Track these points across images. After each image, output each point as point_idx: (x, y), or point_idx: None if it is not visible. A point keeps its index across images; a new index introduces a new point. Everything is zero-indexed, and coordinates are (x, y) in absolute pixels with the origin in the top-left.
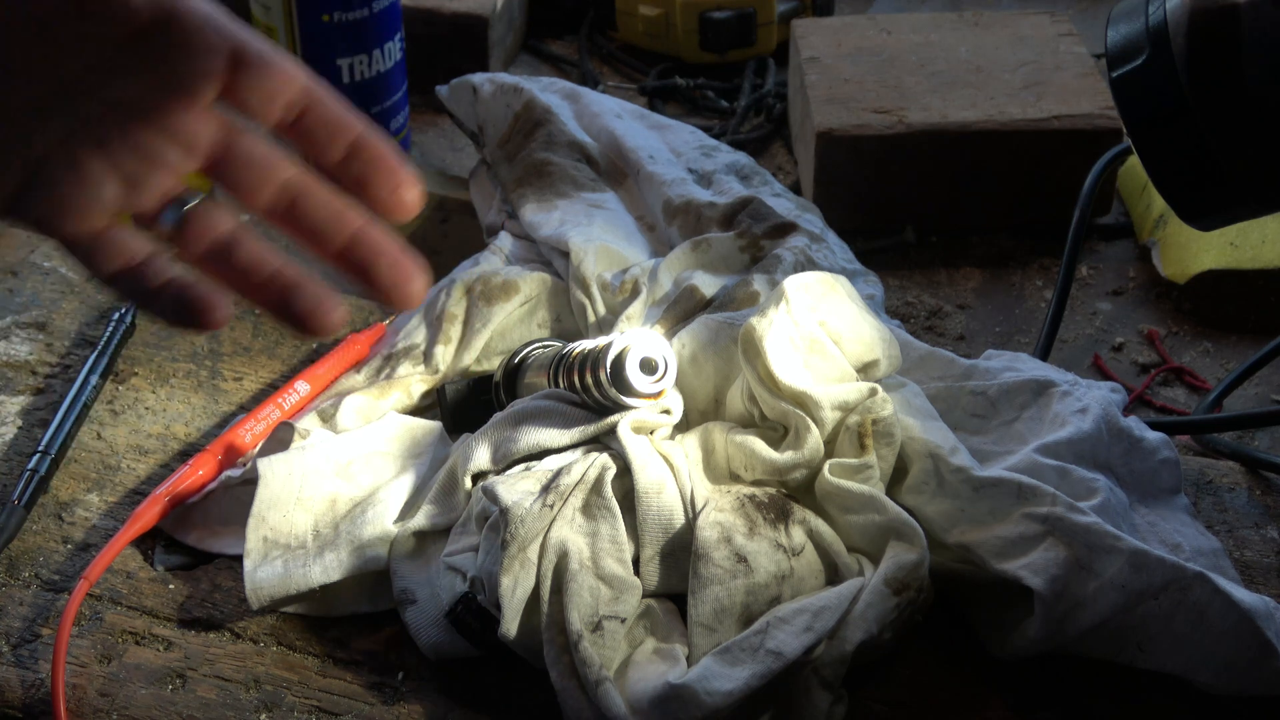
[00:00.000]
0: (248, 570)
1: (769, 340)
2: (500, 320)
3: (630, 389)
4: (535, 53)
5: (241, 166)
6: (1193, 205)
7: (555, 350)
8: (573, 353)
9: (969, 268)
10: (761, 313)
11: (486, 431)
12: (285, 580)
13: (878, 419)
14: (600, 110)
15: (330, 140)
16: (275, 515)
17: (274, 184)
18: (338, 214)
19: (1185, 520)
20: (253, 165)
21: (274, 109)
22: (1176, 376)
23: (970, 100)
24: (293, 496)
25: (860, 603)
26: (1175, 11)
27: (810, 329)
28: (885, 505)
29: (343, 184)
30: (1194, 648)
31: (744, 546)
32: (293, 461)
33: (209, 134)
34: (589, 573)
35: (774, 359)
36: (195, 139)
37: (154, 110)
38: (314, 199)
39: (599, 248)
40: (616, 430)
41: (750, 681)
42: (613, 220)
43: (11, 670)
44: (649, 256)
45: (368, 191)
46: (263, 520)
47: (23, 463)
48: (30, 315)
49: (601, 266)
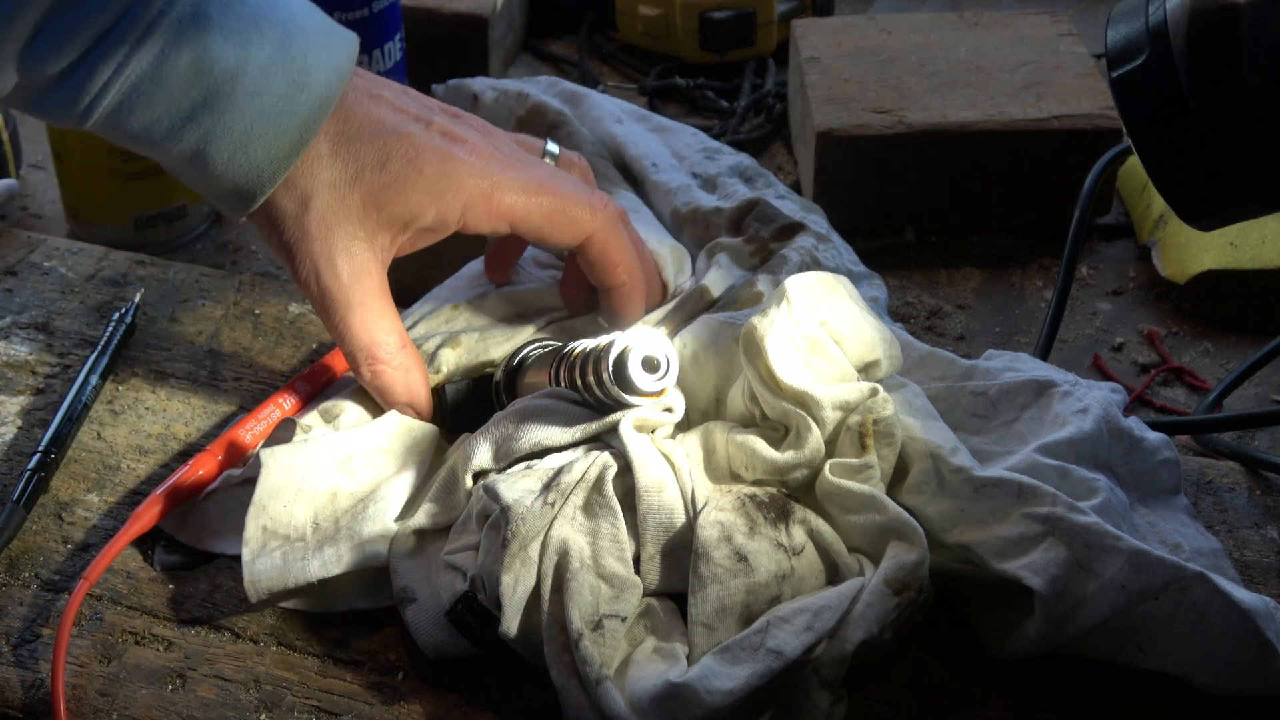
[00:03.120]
0: (246, 561)
1: (770, 339)
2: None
3: (632, 387)
4: (535, 53)
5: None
6: (1193, 205)
7: (555, 349)
8: (574, 351)
9: (969, 268)
10: (763, 312)
11: (488, 430)
12: (284, 573)
13: (879, 419)
14: (601, 115)
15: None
16: (276, 505)
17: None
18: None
19: (1185, 521)
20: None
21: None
22: (1176, 376)
23: (970, 100)
24: (294, 488)
25: (861, 602)
26: (1175, 11)
27: (811, 329)
28: (886, 505)
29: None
30: (1194, 648)
31: (744, 546)
32: (295, 453)
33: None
34: (590, 571)
35: (775, 358)
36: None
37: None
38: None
39: (672, 249)
40: (618, 428)
41: (751, 681)
42: (650, 220)
43: (11, 670)
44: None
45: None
46: (263, 509)
47: (23, 463)
48: (30, 315)
49: (675, 268)
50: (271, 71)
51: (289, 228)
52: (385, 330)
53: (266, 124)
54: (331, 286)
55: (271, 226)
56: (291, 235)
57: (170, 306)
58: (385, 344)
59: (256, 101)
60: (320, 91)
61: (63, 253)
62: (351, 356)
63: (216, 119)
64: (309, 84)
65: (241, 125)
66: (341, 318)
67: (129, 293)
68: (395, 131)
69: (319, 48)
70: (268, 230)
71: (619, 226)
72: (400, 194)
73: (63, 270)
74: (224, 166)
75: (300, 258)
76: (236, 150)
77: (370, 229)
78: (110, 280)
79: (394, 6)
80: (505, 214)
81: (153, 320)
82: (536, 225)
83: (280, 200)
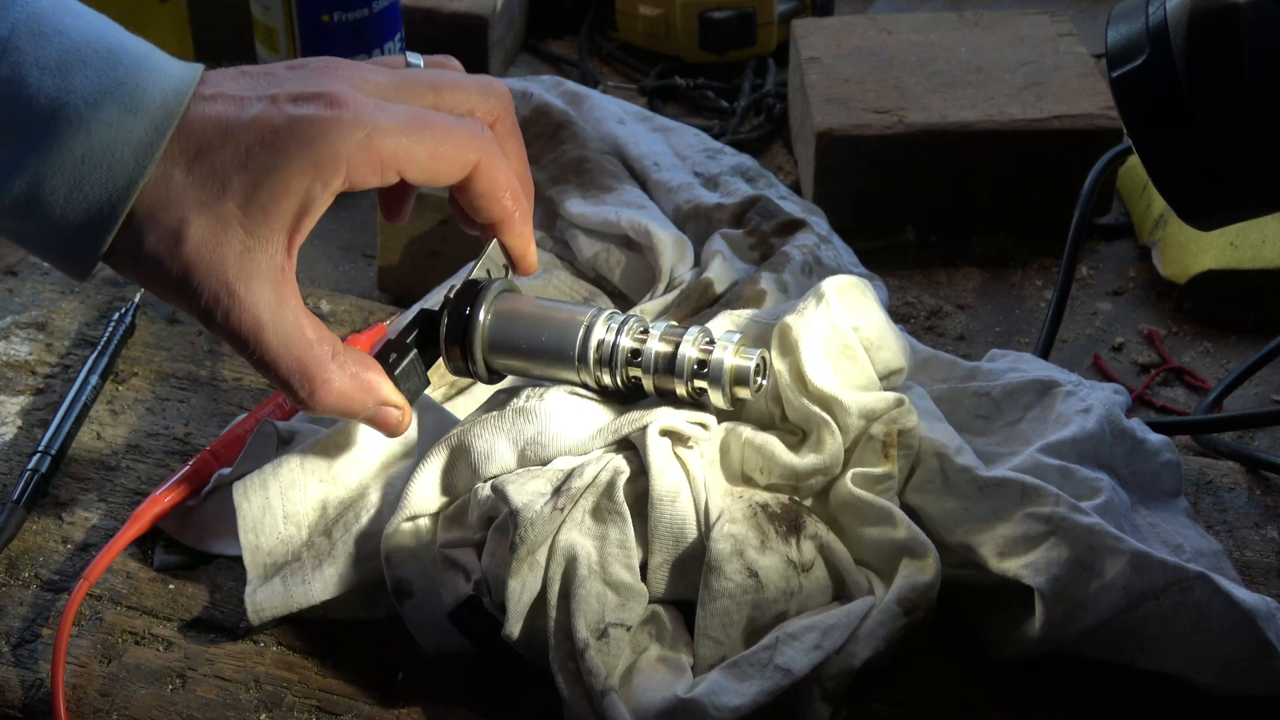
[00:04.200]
0: (248, 593)
1: (806, 340)
2: None
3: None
4: (535, 53)
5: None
6: (1193, 205)
7: (502, 282)
8: (651, 352)
9: (969, 268)
10: (799, 312)
11: (504, 427)
12: (286, 599)
13: (904, 430)
14: (603, 116)
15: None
16: (267, 539)
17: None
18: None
19: (1185, 523)
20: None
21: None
22: (1176, 376)
23: (970, 100)
24: (279, 514)
25: (871, 620)
26: (1175, 11)
27: (846, 333)
28: (902, 521)
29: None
30: (1195, 648)
31: (756, 561)
32: (267, 485)
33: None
34: (596, 578)
35: (808, 359)
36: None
37: None
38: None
39: (675, 238)
40: (645, 432)
41: (759, 698)
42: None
43: (11, 670)
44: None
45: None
46: (256, 548)
47: (23, 463)
48: (30, 315)
49: (675, 258)
50: (99, 101)
51: (170, 268)
52: (307, 342)
53: (99, 157)
54: (236, 314)
55: (154, 275)
56: (176, 275)
57: (170, 306)
58: (314, 356)
59: (85, 135)
60: (155, 114)
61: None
62: (287, 388)
63: (43, 158)
64: (142, 108)
65: (72, 161)
66: (256, 343)
67: (129, 293)
68: (240, 122)
69: (152, 69)
70: (152, 281)
71: (497, 148)
72: (275, 185)
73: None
74: (61, 209)
75: (194, 295)
76: (72, 190)
77: (260, 235)
78: (110, 280)
79: (394, 6)
80: (389, 162)
81: (153, 320)
82: (424, 166)
83: (150, 245)
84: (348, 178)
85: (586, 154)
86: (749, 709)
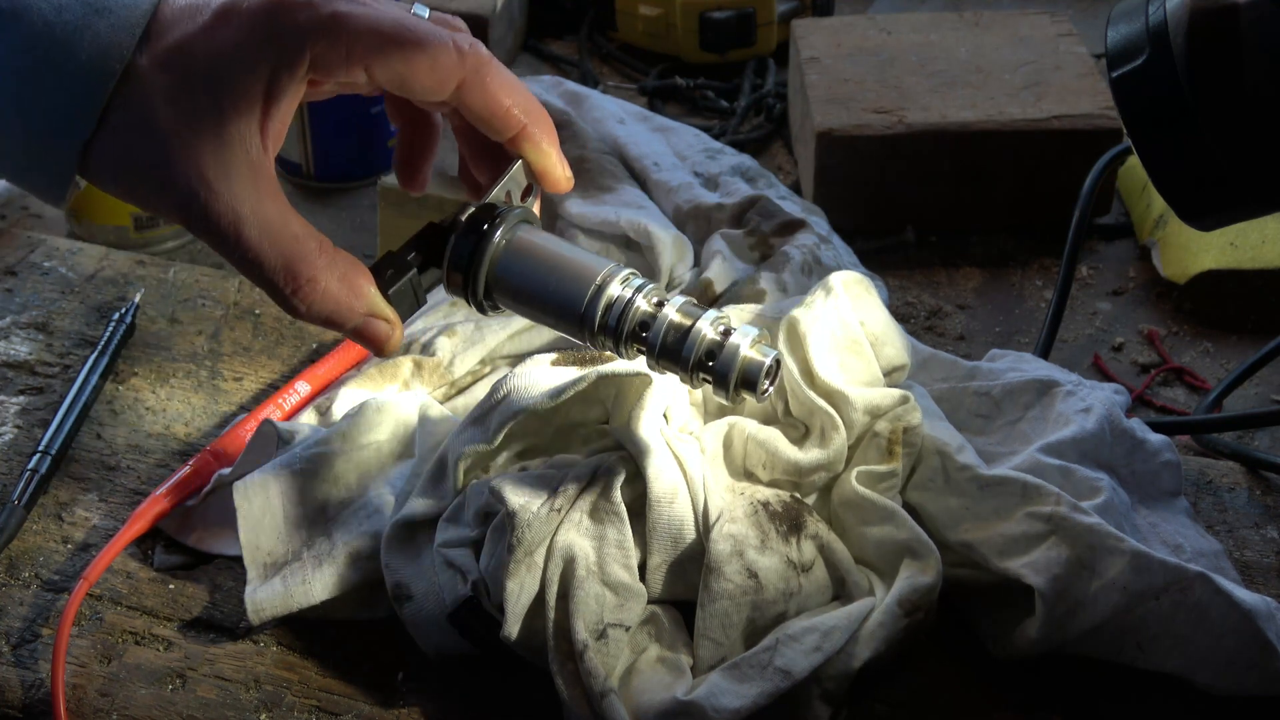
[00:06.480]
0: (248, 594)
1: (814, 333)
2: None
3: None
4: (535, 53)
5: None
6: (1193, 205)
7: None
8: (676, 331)
9: (969, 268)
10: (807, 305)
11: (473, 414)
12: (286, 599)
13: (909, 427)
14: (603, 116)
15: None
16: (267, 539)
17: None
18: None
19: (1185, 522)
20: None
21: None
22: (1176, 376)
23: (970, 100)
24: (279, 514)
25: (871, 621)
26: (1175, 11)
27: (854, 328)
28: (904, 522)
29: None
30: (1194, 648)
31: (755, 561)
32: (268, 483)
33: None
34: (595, 579)
35: (815, 352)
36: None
37: None
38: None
39: (674, 237)
40: (637, 431)
41: (758, 700)
42: (655, 214)
43: (11, 670)
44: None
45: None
46: (256, 547)
47: (23, 463)
48: (30, 315)
49: (675, 258)
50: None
51: (145, 165)
52: (292, 236)
53: (69, 60)
54: (215, 208)
55: (131, 179)
56: (153, 173)
57: (170, 306)
58: (300, 251)
59: (50, 36)
60: (125, 13)
61: (63, 253)
62: (271, 286)
63: (11, 59)
64: (110, 7)
65: (44, 66)
66: (237, 238)
67: (129, 293)
68: (211, 4)
69: None
70: (131, 186)
71: (496, 63)
72: (236, 63)
73: (63, 270)
74: (37, 118)
75: (172, 192)
76: (40, 94)
77: (230, 121)
78: (110, 280)
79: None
80: (357, 50)
81: (153, 320)
82: (394, 67)
83: (124, 144)
84: (313, 62)
85: (586, 154)
86: (749, 711)
